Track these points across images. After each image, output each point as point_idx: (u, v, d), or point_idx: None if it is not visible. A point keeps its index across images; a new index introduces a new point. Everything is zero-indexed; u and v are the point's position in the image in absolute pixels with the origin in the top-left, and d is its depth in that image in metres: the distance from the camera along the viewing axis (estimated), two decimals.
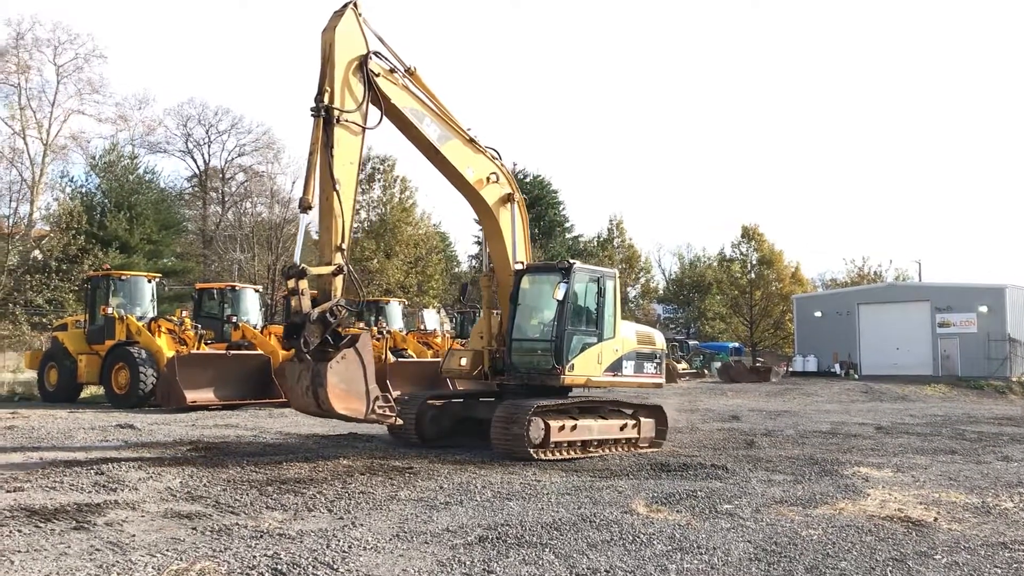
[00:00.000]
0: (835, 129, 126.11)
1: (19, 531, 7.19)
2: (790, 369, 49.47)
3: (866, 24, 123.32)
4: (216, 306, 26.42)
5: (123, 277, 24.42)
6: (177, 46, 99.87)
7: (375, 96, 11.97)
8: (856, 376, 45.52)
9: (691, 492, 9.83)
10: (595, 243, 70.51)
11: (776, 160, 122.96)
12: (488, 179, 13.67)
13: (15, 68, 49.61)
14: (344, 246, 11.36)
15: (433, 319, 32.18)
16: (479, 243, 57.46)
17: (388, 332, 26.61)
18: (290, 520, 7.94)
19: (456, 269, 64.44)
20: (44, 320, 37.74)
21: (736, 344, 63.34)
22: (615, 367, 13.68)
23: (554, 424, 12.36)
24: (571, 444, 12.70)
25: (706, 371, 48.76)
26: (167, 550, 6.68)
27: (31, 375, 26.89)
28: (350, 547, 6.94)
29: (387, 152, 54.43)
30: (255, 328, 24.39)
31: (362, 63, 11.79)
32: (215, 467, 10.86)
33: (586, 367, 13.15)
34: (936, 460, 13.34)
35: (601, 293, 13.54)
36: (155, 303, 24.77)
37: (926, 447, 15.08)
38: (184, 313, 24.46)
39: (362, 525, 7.78)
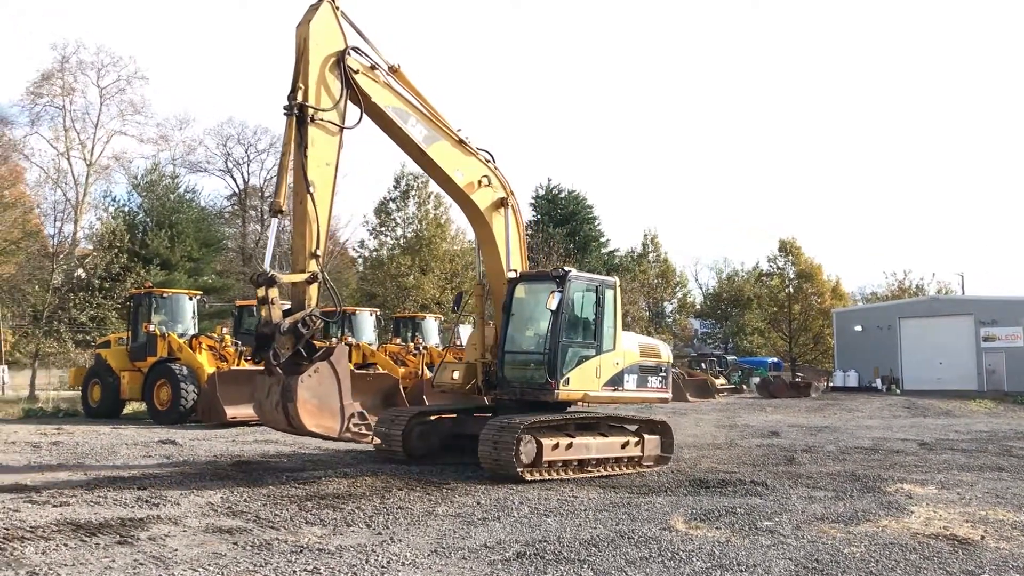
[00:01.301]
0: (874, 141, 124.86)
1: (65, 545, 7.30)
2: (830, 384, 48.91)
3: (910, 31, 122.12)
4: (256, 323, 26.66)
5: (165, 295, 24.78)
6: (216, 67, 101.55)
7: (354, 95, 11.49)
8: (898, 391, 44.85)
9: (730, 509, 9.74)
10: (630, 258, 70.31)
11: (814, 173, 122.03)
12: (480, 182, 13.07)
13: (60, 91, 50.78)
14: (319, 252, 10.91)
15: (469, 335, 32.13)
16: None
17: (425, 348, 26.68)
18: (329, 535, 7.98)
19: None
20: (88, 337, 38.42)
21: (775, 359, 62.76)
22: (616, 381, 12.99)
23: (547, 442, 11.65)
24: (567, 464, 12.00)
25: (744, 386, 48.34)
26: (209, 565, 6.75)
27: (75, 391, 27.35)
28: (389, 562, 6.96)
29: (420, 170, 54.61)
30: None
31: (339, 59, 11.30)
32: (255, 482, 10.96)
33: (583, 381, 12.48)
34: (982, 477, 13.07)
35: (600, 303, 12.86)
36: (196, 320, 25.08)
37: (972, 464, 14.78)
38: (224, 330, 24.75)
39: (400, 540, 7.80)
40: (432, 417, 13.56)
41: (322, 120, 11.03)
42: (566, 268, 12.78)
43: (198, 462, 13.14)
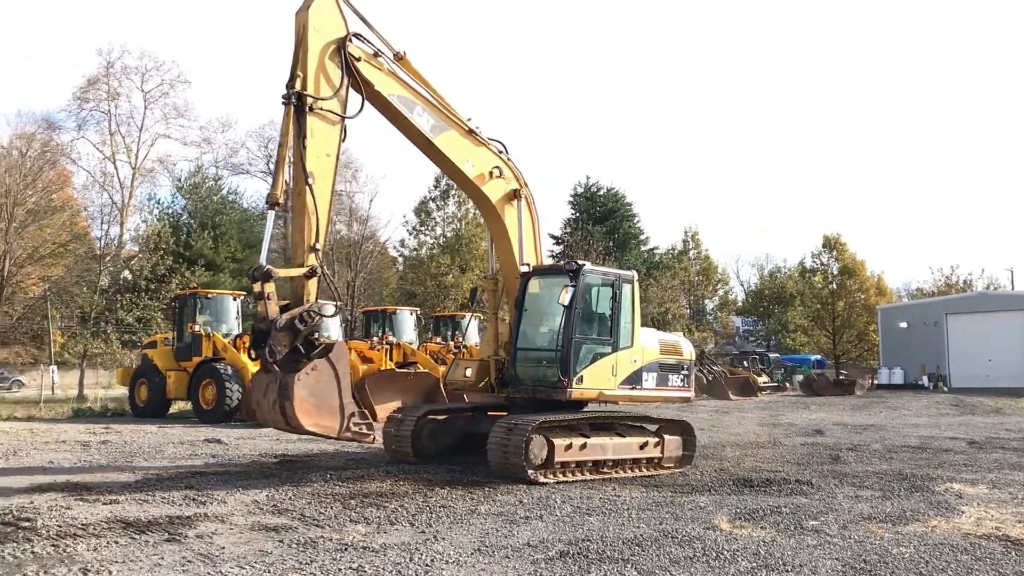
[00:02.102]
0: (919, 135, 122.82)
1: (116, 542, 7.44)
2: (875, 382, 48.24)
3: (960, 23, 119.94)
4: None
5: (209, 295, 25.15)
6: (258, 70, 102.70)
7: (357, 83, 11.19)
8: (945, 388, 44.08)
9: (775, 508, 9.64)
10: (670, 255, 69.88)
11: (858, 168, 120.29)
12: (491, 174, 12.73)
13: (105, 95, 51.77)
14: (319, 246, 10.59)
15: None
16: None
17: (464, 347, 26.76)
18: (373, 533, 8.04)
19: None
20: (134, 338, 39.08)
21: (818, 356, 62.00)
22: (633, 379, 12.54)
23: (559, 442, 11.31)
24: (580, 465, 11.65)
25: (787, 384, 47.81)
26: (255, 562, 6.83)
27: (122, 391, 27.85)
28: (432, 561, 6.99)
29: None
30: None
31: (340, 46, 10.99)
32: (299, 481, 11.07)
33: (598, 379, 12.07)
34: None
35: (616, 297, 12.42)
36: (240, 320, 25.40)
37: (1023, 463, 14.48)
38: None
39: (444, 539, 7.83)
40: (442, 416, 13.23)
41: (321, 110, 10.75)
42: (579, 261, 12.41)
43: (243, 460, 13.31)
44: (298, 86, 10.61)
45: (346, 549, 7.34)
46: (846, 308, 63.77)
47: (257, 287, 10.06)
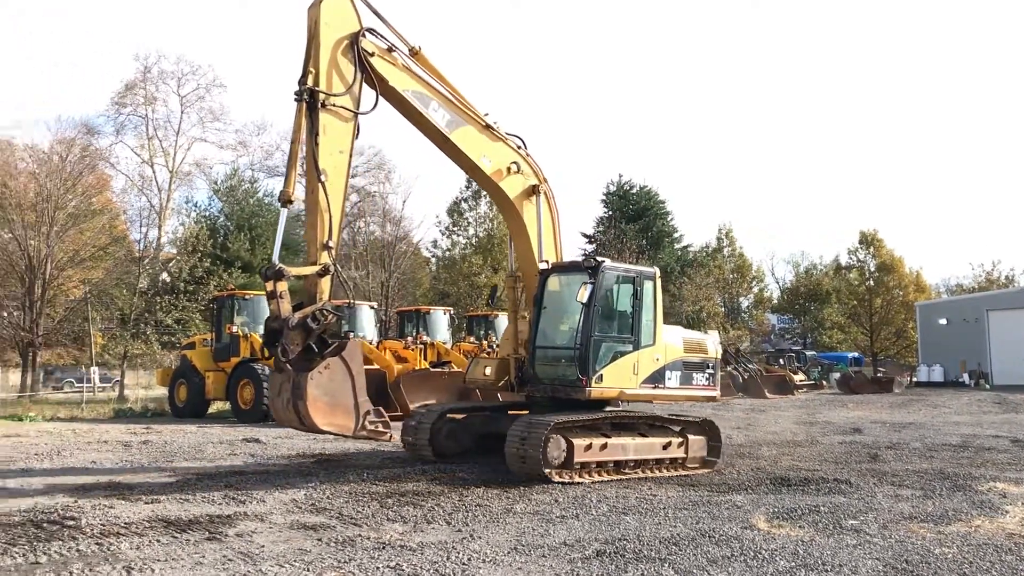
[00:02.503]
0: (956, 128, 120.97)
1: (158, 541, 7.56)
2: (914, 379, 47.61)
3: (998, 11, 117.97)
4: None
5: (246, 297, 25.39)
6: (292, 73, 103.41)
7: (371, 79, 11.05)
8: (987, 386, 43.40)
9: (814, 507, 9.55)
10: (704, 253, 69.43)
11: (895, 163, 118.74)
12: (509, 169, 12.53)
13: (143, 100, 52.50)
14: (332, 244, 10.47)
15: None
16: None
17: (498, 346, 26.77)
18: (410, 532, 8.09)
19: None
20: (173, 339, 39.63)
21: (855, 354, 61.27)
22: (656, 378, 12.30)
23: (578, 443, 11.15)
24: (601, 465, 11.45)
25: (824, 382, 47.30)
26: (295, 561, 6.91)
27: (162, 391, 28.25)
28: (469, 559, 7.02)
29: None
30: (371, 344, 24.95)
31: (353, 41, 10.84)
32: (337, 479, 11.17)
33: (618, 378, 11.87)
34: None
35: (638, 295, 12.20)
36: None
37: None
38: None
39: (480, 538, 7.86)
40: (461, 416, 13.12)
41: (334, 106, 10.62)
42: (599, 258, 12.17)
43: (281, 460, 13.45)
44: (310, 82, 10.51)
45: (384, 548, 7.40)
46: (884, 305, 63.00)
47: (269, 286, 9.99)
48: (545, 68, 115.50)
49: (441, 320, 30.15)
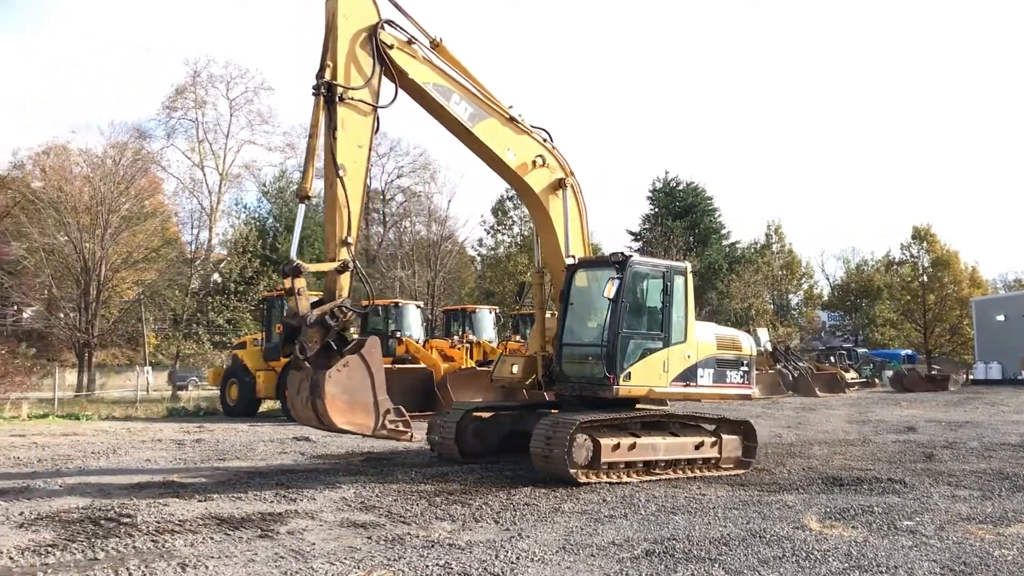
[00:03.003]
0: (1014, 118, 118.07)
1: (211, 538, 7.67)
2: (970, 377, 46.63)
3: None
4: (381, 322, 27.37)
5: None
6: None
7: (390, 71, 10.87)
8: None
9: (867, 507, 9.39)
10: (753, 249, 68.71)
11: (949, 155, 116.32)
12: (534, 163, 12.30)
13: (193, 104, 53.42)
14: (351, 240, 10.26)
15: None
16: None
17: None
18: (459, 530, 8.11)
19: None
20: (224, 339, 40.24)
21: (909, 351, 60.18)
22: (687, 376, 11.96)
23: (605, 442, 10.87)
24: (630, 465, 11.19)
25: (877, 380, 46.55)
26: (345, 558, 6.96)
27: (214, 391, 28.69)
28: (518, 558, 7.02)
29: None
30: (418, 343, 25.09)
31: (372, 34, 10.63)
32: (385, 478, 11.24)
33: (647, 376, 11.55)
34: None
35: (668, 290, 11.86)
36: None
37: None
38: (352, 330, 25.38)
39: (528, 537, 7.85)
40: (488, 415, 12.93)
41: (352, 100, 10.42)
42: (626, 253, 11.90)
43: (331, 458, 13.57)
44: (328, 76, 10.32)
45: (433, 546, 7.43)
46: (938, 301, 61.83)
47: (287, 282, 9.86)
48: (592, 65, 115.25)
49: (487, 319, 30.17)
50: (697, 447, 11.87)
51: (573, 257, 12.46)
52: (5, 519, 8.39)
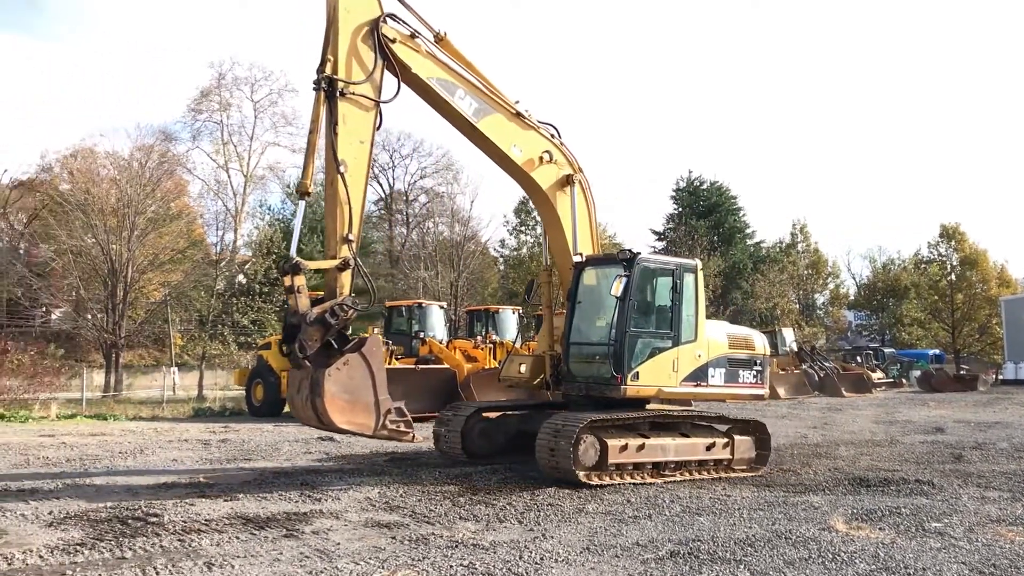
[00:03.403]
0: None
1: (237, 537, 7.72)
2: (1000, 377, 46.04)
3: None
4: (404, 322, 27.45)
5: (319, 298, 25.73)
6: None
7: (393, 66, 10.74)
8: None
9: (894, 508, 9.30)
10: (778, 249, 68.27)
11: (978, 153, 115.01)
12: (541, 159, 12.14)
13: (218, 106, 53.82)
14: (352, 237, 10.16)
15: None
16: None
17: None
18: (483, 531, 8.11)
19: None
20: (250, 340, 40.49)
21: (936, 351, 59.56)
22: (697, 376, 11.76)
23: (613, 443, 10.71)
24: (638, 467, 11.05)
25: (904, 380, 46.10)
26: (369, 558, 6.98)
27: (239, 391, 28.87)
28: (542, 559, 7.01)
29: None
30: (441, 343, 25.14)
31: (373, 28, 10.51)
32: (409, 478, 11.27)
33: (656, 376, 11.37)
34: None
35: (677, 288, 11.66)
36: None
37: None
38: (376, 330, 25.53)
39: (552, 537, 7.84)
40: (495, 414, 12.78)
41: (353, 95, 10.30)
42: (634, 250, 11.63)
43: (355, 458, 13.62)
44: (328, 70, 10.19)
45: (457, 546, 7.43)
46: (966, 300, 61.14)
47: (287, 280, 9.75)
48: (617, 63, 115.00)
49: (510, 319, 30.14)
50: (708, 448, 11.70)
51: (581, 255, 12.30)
52: (35, 518, 8.50)
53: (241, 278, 46.19)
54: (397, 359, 23.41)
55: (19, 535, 7.77)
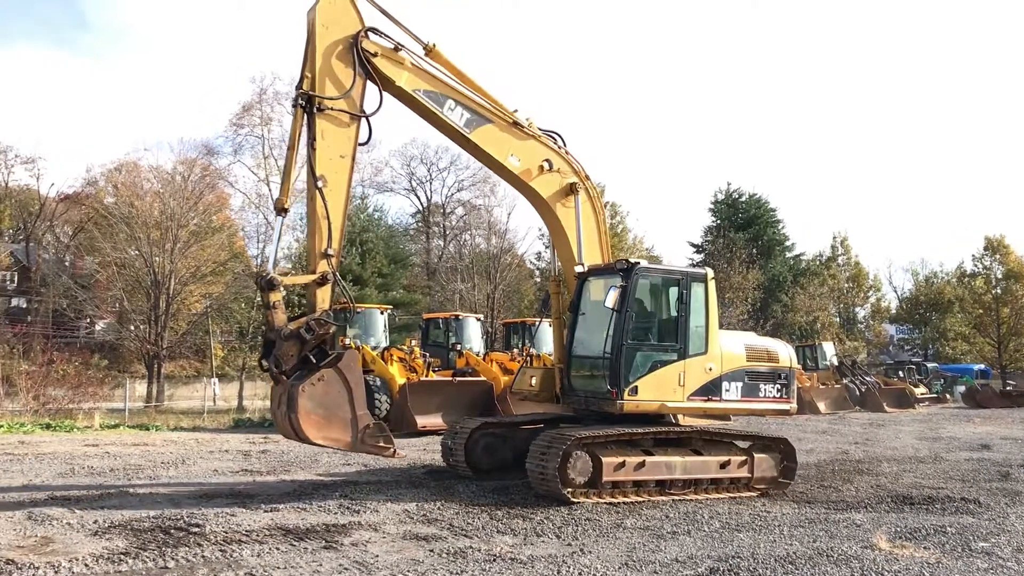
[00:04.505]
0: None
1: (277, 548, 7.79)
2: None
3: None
4: (442, 335, 27.53)
5: (358, 310, 25.97)
6: None
7: (382, 79, 10.79)
8: None
9: (939, 527, 9.14)
10: (818, 261, 67.55)
11: (1022, 163, 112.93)
12: (541, 168, 11.91)
13: (259, 121, 54.47)
14: (331, 252, 10.18)
15: None
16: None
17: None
18: (520, 545, 8.10)
19: None
20: None
21: (982, 366, 58.39)
22: (710, 390, 11.24)
23: (608, 460, 10.38)
24: (640, 484, 10.71)
25: (948, 396, 45.25)
26: (408, 571, 7.01)
27: None
28: (580, 574, 6.99)
29: (597, 180, 55.06)
30: (478, 355, 25.17)
31: (352, 43, 10.51)
32: (447, 491, 11.28)
33: (658, 390, 10.93)
34: None
35: (684, 299, 11.25)
36: (387, 333, 26.12)
37: None
38: (413, 342, 25.65)
39: (590, 552, 7.81)
40: (501, 429, 12.58)
41: (331, 110, 10.33)
42: (632, 259, 11.34)
43: (393, 470, 13.67)
44: (306, 87, 10.29)
45: (494, 560, 7.43)
46: (1012, 314, 59.92)
47: (264, 296, 9.90)
48: (657, 76, 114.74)
49: (547, 332, 30.01)
50: (722, 466, 11.23)
51: (582, 265, 12.05)
52: (80, 527, 8.64)
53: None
54: (434, 371, 23.48)
55: (65, 543, 7.91)
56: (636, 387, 10.86)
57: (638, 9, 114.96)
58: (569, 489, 10.23)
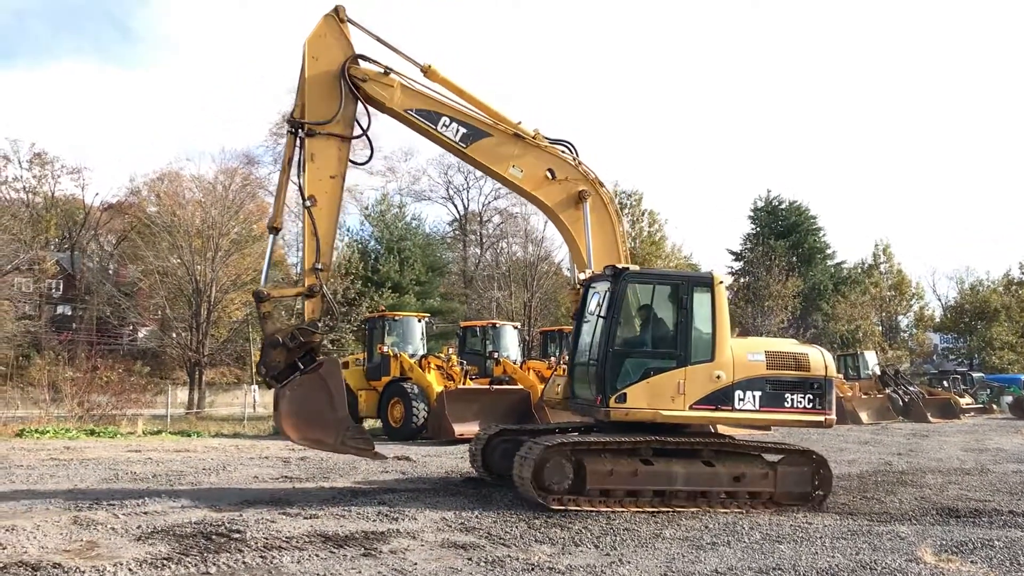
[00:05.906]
0: None
1: (317, 555, 7.83)
2: None
3: None
4: (479, 343, 27.59)
5: (396, 317, 26.13)
6: None
7: (374, 103, 11.58)
8: None
9: (986, 541, 8.95)
10: (859, 269, 66.71)
11: None
12: (545, 177, 12.13)
13: None
14: (320, 266, 11.12)
15: None
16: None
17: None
18: (558, 554, 8.07)
19: None
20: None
21: None
22: (720, 399, 10.73)
23: (593, 468, 10.18)
24: (635, 494, 10.40)
25: (994, 406, 44.36)
26: None
27: None
28: None
29: (634, 187, 54.93)
30: (515, 363, 25.17)
31: (341, 72, 11.32)
32: (484, 499, 11.27)
33: (651, 398, 10.55)
34: None
35: (685, 305, 10.90)
36: (424, 341, 26.25)
37: None
38: (451, 350, 25.73)
39: (629, 563, 7.76)
40: (520, 436, 12.20)
41: (322, 133, 11.19)
42: (621, 265, 11.15)
43: (431, 478, 13.70)
44: (297, 115, 11.21)
45: (532, 569, 7.41)
46: None
47: (260, 308, 11.09)
48: (695, 81, 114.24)
49: None
50: (736, 479, 10.72)
51: (587, 272, 12.06)
52: (124, 531, 8.77)
53: None
54: (471, 379, 23.52)
55: (110, 548, 8.03)
56: (624, 394, 10.61)
57: (679, 13, 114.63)
58: (544, 495, 10.21)
